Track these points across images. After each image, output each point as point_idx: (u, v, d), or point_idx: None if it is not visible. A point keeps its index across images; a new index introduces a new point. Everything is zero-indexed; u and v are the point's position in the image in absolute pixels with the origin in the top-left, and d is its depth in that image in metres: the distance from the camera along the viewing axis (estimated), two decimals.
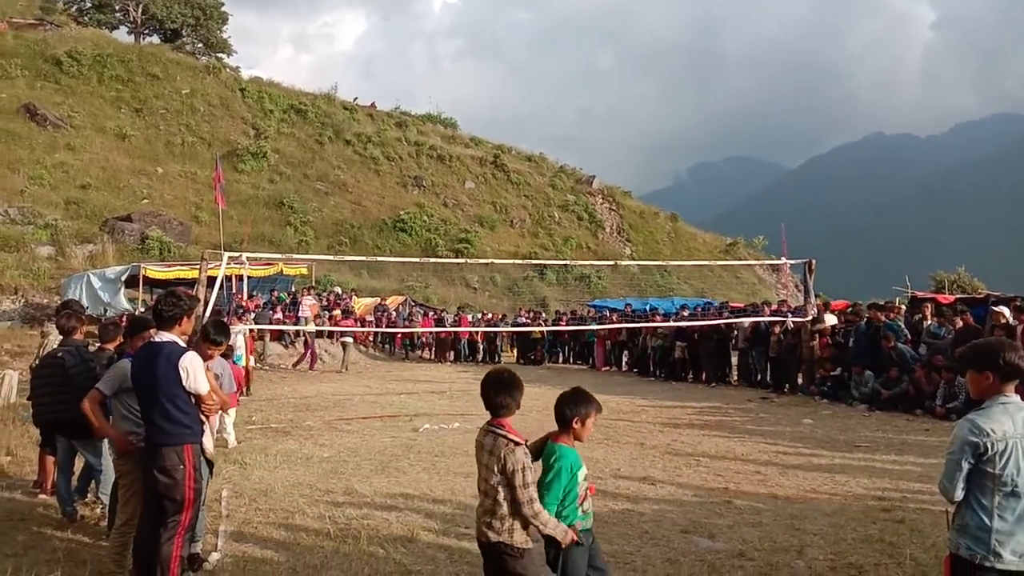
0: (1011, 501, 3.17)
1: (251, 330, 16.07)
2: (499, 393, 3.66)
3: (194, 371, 4.55)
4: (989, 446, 3.16)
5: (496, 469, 3.54)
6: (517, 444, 3.56)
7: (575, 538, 3.58)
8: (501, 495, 3.54)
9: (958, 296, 19.25)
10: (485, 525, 3.60)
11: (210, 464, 5.10)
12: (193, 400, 4.61)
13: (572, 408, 3.69)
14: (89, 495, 6.44)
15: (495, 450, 3.57)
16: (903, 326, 14.10)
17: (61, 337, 7.58)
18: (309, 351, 20.69)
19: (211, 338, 5.97)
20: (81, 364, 6.01)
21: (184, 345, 4.71)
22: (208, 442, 5.02)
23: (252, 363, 14.56)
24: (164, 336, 4.63)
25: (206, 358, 5.42)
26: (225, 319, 12.87)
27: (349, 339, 21.22)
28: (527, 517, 3.52)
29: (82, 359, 6.10)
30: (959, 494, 3.24)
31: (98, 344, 6.89)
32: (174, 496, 4.49)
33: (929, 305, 14.72)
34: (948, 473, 3.26)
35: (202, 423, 4.79)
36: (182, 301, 4.73)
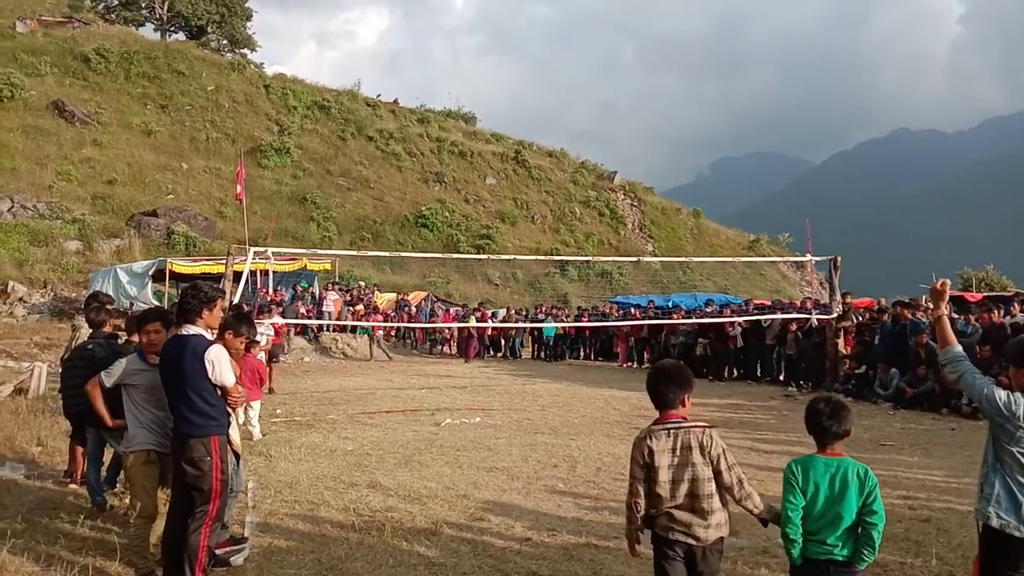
0: None
1: (275, 325, 16.18)
2: (667, 385, 3.56)
3: (220, 364, 4.61)
4: (1012, 429, 3.36)
5: (700, 461, 3.41)
6: (711, 426, 3.47)
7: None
8: (706, 489, 3.40)
9: (985, 294, 19.00)
10: (701, 528, 3.41)
11: (236, 456, 5.16)
12: (219, 392, 4.67)
13: (848, 423, 3.50)
14: (118, 485, 6.53)
15: (689, 442, 3.43)
16: (929, 324, 13.94)
17: (91, 330, 7.72)
18: (474, 342, 21.49)
19: (237, 330, 5.95)
20: (111, 356, 6.08)
21: (210, 338, 4.77)
22: (235, 434, 5.08)
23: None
24: (190, 329, 4.68)
25: (233, 350, 5.47)
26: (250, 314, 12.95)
27: (380, 332, 22.21)
28: (740, 499, 3.43)
29: (112, 351, 6.18)
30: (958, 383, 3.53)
31: (124, 337, 6.99)
32: (201, 487, 4.55)
33: (949, 305, 14.52)
34: (972, 391, 3.49)
35: (229, 415, 4.86)
36: (200, 293, 4.76)
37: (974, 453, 3.95)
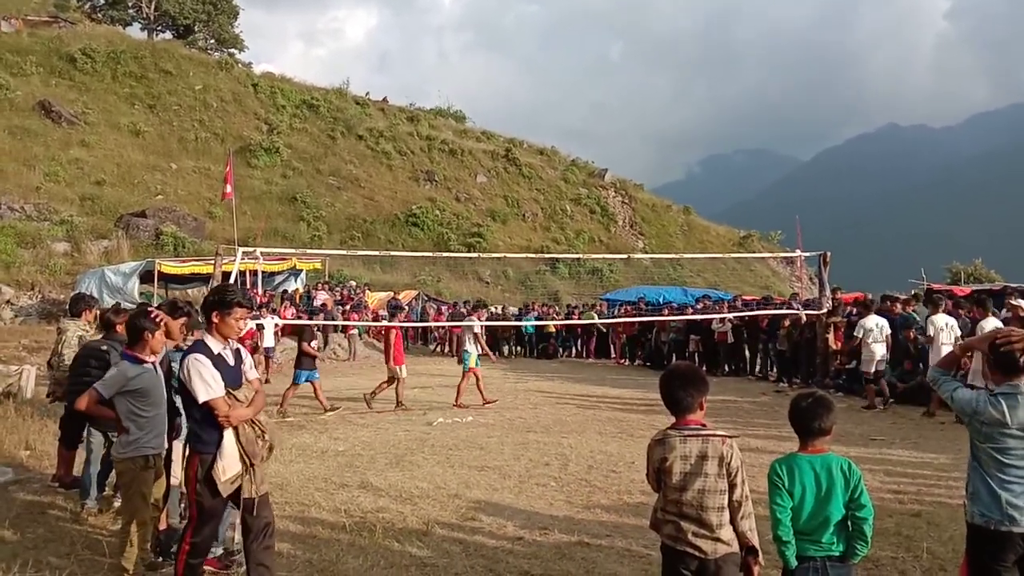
0: (1011, 470, 3.47)
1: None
2: (683, 388, 3.38)
3: (191, 374, 4.19)
4: (979, 426, 3.54)
5: (714, 472, 3.28)
6: (732, 437, 3.36)
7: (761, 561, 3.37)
8: (716, 502, 3.27)
9: (974, 288, 19.07)
10: (708, 541, 3.26)
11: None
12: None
13: (831, 419, 3.43)
14: (107, 488, 6.47)
15: (710, 452, 3.29)
16: (918, 318, 13.98)
17: (78, 330, 7.67)
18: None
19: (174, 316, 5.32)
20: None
21: (214, 345, 4.33)
22: (176, 467, 4.54)
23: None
24: (198, 336, 4.52)
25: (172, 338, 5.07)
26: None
27: (355, 331, 22.17)
28: (740, 516, 3.30)
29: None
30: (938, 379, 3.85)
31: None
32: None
33: (948, 302, 14.53)
34: (945, 395, 3.77)
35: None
36: (225, 292, 4.46)
37: (963, 447, 3.99)
